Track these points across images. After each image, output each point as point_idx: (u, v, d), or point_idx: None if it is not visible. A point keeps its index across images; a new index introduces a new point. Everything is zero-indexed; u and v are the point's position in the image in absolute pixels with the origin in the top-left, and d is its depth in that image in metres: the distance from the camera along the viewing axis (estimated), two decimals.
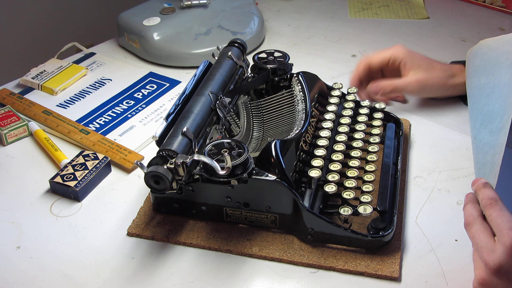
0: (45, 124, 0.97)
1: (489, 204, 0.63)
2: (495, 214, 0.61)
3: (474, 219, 0.64)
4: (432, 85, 0.96)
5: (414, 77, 0.95)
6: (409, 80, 0.95)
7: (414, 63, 0.96)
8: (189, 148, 0.71)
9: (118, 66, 1.17)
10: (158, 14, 1.20)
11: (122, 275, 0.70)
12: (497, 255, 0.59)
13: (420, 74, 0.95)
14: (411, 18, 1.36)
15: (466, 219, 0.65)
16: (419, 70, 0.95)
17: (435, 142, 0.92)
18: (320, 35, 1.29)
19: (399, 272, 0.68)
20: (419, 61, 0.96)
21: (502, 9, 1.37)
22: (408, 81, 0.96)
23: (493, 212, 0.62)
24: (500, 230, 0.60)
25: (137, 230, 0.76)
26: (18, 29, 1.65)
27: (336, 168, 0.76)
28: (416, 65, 0.95)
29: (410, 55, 0.96)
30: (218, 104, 0.79)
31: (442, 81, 0.96)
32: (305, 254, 0.71)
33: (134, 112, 1.01)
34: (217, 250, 0.73)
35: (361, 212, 0.71)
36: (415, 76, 0.95)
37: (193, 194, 0.74)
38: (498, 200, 0.63)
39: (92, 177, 0.83)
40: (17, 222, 0.78)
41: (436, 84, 0.96)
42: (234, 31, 1.20)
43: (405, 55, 0.96)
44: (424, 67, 0.95)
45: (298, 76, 0.89)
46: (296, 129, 0.80)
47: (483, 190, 0.65)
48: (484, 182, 0.67)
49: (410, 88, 0.96)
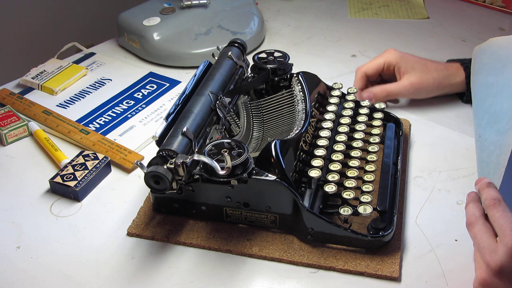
0: (45, 124, 0.97)
1: (492, 204, 0.62)
2: (498, 214, 0.61)
3: (476, 219, 0.63)
4: (427, 86, 0.96)
5: (408, 80, 0.96)
6: (403, 84, 0.96)
7: (408, 66, 0.96)
8: (189, 148, 0.71)
9: (118, 66, 1.17)
10: (158, 14, 1.20)
11: (122, 275, 0.70)
12: (499, 256, 0.59)
13: (414, 77, 0.95)
14: (411, 18, 1.36)
15: (468, 218, 0.65)
16: (413, 73, 0.95)
17: (435, 142, 0.92)
18: (320, 35, 1.29)
19: (399, 272, 0.68)
20: (413, 64, 0.96)
21: (502, 9, 1.37)
22: (402, 85, 0.96)
23: (496, 213, 0.61)
24: (502, 231, 0.60)
25: (137, 230, 0.76)
26: (18, 29, 1.65)
27: (336, 168, 0.76)
28: (410, 68, 0.96)
29: (403, 58, 0.97)
30: (218, 104, 0.79)
31: (437, 82, 0.96)
32: (305, 254, 0.71)
33: (134, 112, 1.01)
34: (217, 250, 0.73)
35: (361, 212, 0.71)
36: (409, 80, 0.96)
37: (193, 194, 0.74)
38: (501, 200, 0.63)
39: (92, 177, 0.83)
40: (17, 222, 0.78)
41: (431, 85, 0.96)
42: (234, 31, 1.20)
43: (398, 59, 0.97)
44: (418, 69, 0.96)
45: (298, 76, 0.89)
46: (296, 129, 0.80)
47: (486, 189, 0.65)
48: (487, 182, 0.66)
49: (405, 92, 0.97)
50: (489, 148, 0.68)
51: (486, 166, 0.68)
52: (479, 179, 0.68)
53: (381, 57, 0.99)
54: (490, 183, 0.66)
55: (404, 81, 0.96)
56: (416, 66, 0.96)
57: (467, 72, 0.96)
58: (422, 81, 0.95)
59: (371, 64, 0.99)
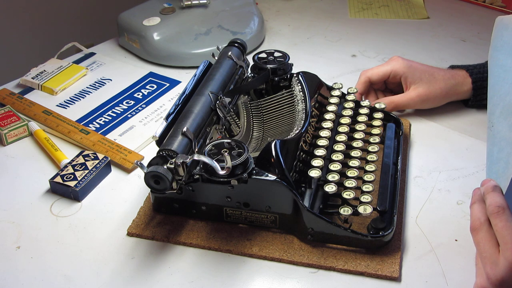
0: (45, 124, 0.97)
1: (496, 212, 0.62)
2: (501, 224, 0.61)
3: (481, 224, 0.63)
4: (434, 97, 0.95)
5: (415, 92, 0.94)
6: (410, 96, 0.95)
7: (415, 76, 0.94)
8: (189, 148, 0.71)
9: (118, 66, 1.17)
10: (158, 14, 1.20)
11: (122, 275, 0.70)
12: (499, 269, 0.59)
13: (421, 88, 0.94)
14: (411, 18, 1.36)
15: (473, 223, 0.64)
16: (420, 84, 0.94)
17: (435, 142, 0.92)
18: (320, 35, 1.29)
19: (399, 272, 0.68)
20: (420, 74, 0.95)
21: (502, 9, 1.37)
22: (409, 97, 0.95)
23: (499, 222, 0.61)
24: (504, 243, 0.59)
25: (137, 230, 0.76)
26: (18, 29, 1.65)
27: (336, 168, 0.76)
28: (417, 78, 0.94)
29: (410, 68, 0.95)
30: (218, 104, 0.79)
31: (444, 92, 0.95)
32: (305, 254, 0.71)
33: (134, 112, 1.01)
34: (217, 250, 0.73)
35: (361, 212, 0.71)
36: (416, 91, 0.94)
37: (193, 194, 0.74)
38: (505, 208, 0.62)
39: (92, 177, 0.83)
40: (17, 222, 0.78)
41: (439, 95, 0.95)
42: (234, 31, 1.20)
43: (405, 69, 0.95)
44: (426, 79, 0.94)
45: (298, 76, 0.89)
46: (296, 129, 0.80)
47: (492, 194, 0.64)
48: (493, 185, 0.65)
49: (412, 104, 0.96)
50: (501, 143, 0.66)
51: (496, 162, 0.66)
52: (485, 180, 0.67)
53: (387, 65, 0.97)
54: (495, 186, 0.65)
55: (411, 93, 0.94)
56: (423, 77, 0.94)
57: (473, 79, 0.95)
58: (429, 92, 0.94)
59: (376, 71, 0.97)
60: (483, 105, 0.95)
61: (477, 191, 0.67)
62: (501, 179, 0.65)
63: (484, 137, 0.82)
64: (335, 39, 1.27)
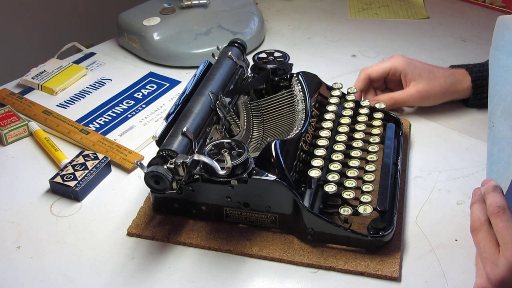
0: (45, 124, 0.97)
1: (496, 212, 0.62)
2: (501, 225, 0.61)
3: (481, 225, 0.63)
4: (434, 94, 0.95)
5: (415, 88, 0.94)
6: (410, 92, 0.95)
7: (414, 73, 0.95)
8: (189, 148, 0.71)
9: (118, 66, 1.17)
10: (158, 14, 1.20)
11: (122, 275, 0.70)
12: (499, 270, 0.59)
13: (421, 84, 0.94)
14: (411, 18, 1.36)
15: (473, 223, 0.64)
16: (420, 80, 0.94)
17: (435, 142, 0.92)
18: (320, 35, 1.29)
19: (399, 272, 0.68)
20: (420, 71, 0.95)
21: (502, 9, 1.37)
22: (408, 93, 0.95)
23: (500, 223, 0.61)
24: (505, 243, 0.59)
25: (137, 230, 0.76)
26: (18, 29, 1.65)
27: (336, 168, 0.76)
28: (417, 75, 0.94)
29: (410, 65, 0.95)
30: (218, 104, 0.79)
31: (444, 89, 0.95)
32: (305, 254, 0.71)
33: (134, 112, 1.01)
34: (217, 250, 0.73)
35: (361, 212, 0.71)
36: (415, 88, 0.94)
37: (193, 194, 0.74)
38: (506, 208, 0.62)
39: (92, 177, 0.83)
40: (17, 222, 0.78)
41: (438, 92, 0.95)
42: (234, 31, 1.20)
43: (405, 66, 0.95)
44: (425, 76, 0.94)
45: (298, 76, 0.89)
46: (296, 129, 0.80)
47: (492, 194, 0.64)
48: (494, 185, 0.65)
49: (412, 100, 0.96)
50: (501, 143, 0.66)
51: (497, 163, 0.66)
52: (486, 180, 0.67)
53: (387, 62, 0.97)
54: (496, 186, 0.65)
55: (411, 89, 0.95)
56: (423, 73, 0.94)
57: (473, 77, 0.95)
58: (429, 88, 0.94)
59: (376, 68, 0.97)
60: (483, 104, 0.95)
61: (478, 191, 0.67)
62: (502, 179, 0.65)
63: (484, 137, 0.82)
64: (335, 39, 1.27)
